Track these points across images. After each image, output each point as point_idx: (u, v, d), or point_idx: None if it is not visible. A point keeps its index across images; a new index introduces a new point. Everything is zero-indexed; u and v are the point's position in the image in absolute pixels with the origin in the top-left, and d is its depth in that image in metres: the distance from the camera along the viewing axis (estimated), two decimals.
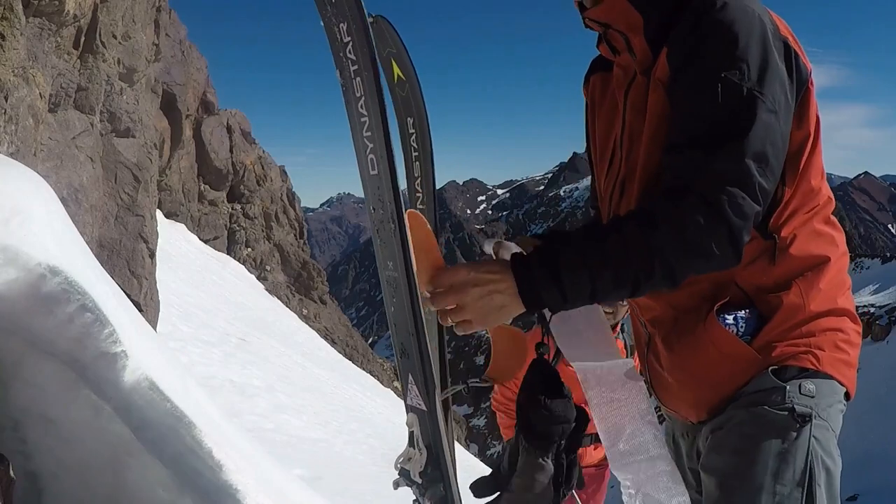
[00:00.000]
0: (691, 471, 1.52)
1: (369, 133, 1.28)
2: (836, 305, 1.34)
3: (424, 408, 1.38)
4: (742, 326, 1.31)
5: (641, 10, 1.33)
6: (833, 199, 1.39)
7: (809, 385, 1.27)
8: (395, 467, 1.47)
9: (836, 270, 1.36)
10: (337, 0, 1.27)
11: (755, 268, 1.31)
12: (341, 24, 1.28)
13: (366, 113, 1.28)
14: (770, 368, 1.29)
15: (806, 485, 1.23)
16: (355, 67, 1.28)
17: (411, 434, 1.41)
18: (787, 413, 1.26)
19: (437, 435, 1.38)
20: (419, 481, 1.39)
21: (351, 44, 1.27)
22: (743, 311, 1.32)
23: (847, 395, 1.34)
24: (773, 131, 1.18)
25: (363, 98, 1.28)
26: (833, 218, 1.39)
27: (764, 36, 1.21)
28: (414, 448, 1.40)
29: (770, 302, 1.32)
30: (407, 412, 1.44)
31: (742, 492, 1.26)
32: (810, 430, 1.25)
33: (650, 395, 1.53)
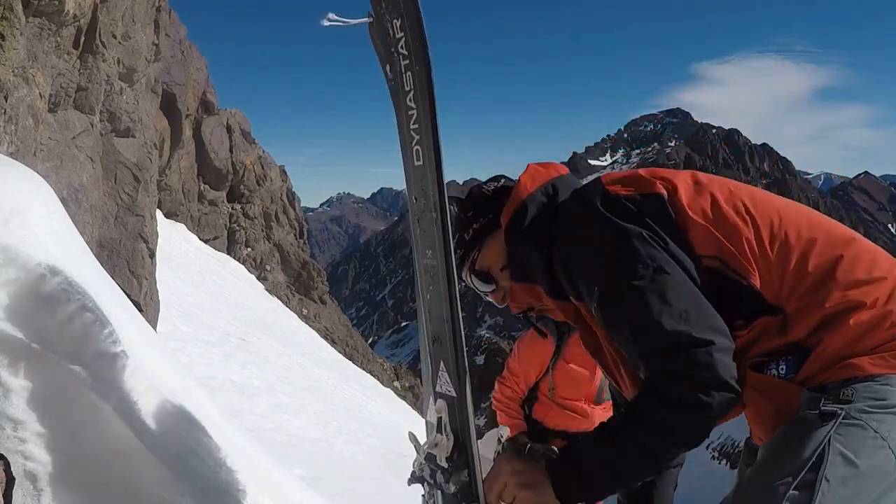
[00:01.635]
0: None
1: (416, 125, 1.34)
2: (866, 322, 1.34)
3: (454, 394, 1.41)
4: (783, 369, 1.37)
5: (535, 280, 1.54)
6: (811, 238, 1.40)
7: (848, 391, 1.29)
8: (421, 453, 1.48)
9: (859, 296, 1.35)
10: None
11: (784, 335, 1.37)
12: (395, 21, 1.33)
13: (414, 106, 1.34)
14: (808, 387, 1.33)
15: (800, 477, 1.22)
16: (406, 62, 1.33)
17: (439, 420, 1.44)
18: (816, 413, 1.29)
19: (466, 422, 1.41)
20: (445, 466, 1.41)
21: (404, 39, 1.33)
22: (784, 357, 1.37)
23: None
24: (671, 287, 1.31)
25: (412, 92, 1.34)
26: (839, 232, 1.43)
27: (607, 222, 1.38)
28: (441, 434, 1.43)
29: (805, 343, 1.36)
30: (436, 399, 1.46)
31: (757, 480, 1.30)
32: (832, 426, 1.26)
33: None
